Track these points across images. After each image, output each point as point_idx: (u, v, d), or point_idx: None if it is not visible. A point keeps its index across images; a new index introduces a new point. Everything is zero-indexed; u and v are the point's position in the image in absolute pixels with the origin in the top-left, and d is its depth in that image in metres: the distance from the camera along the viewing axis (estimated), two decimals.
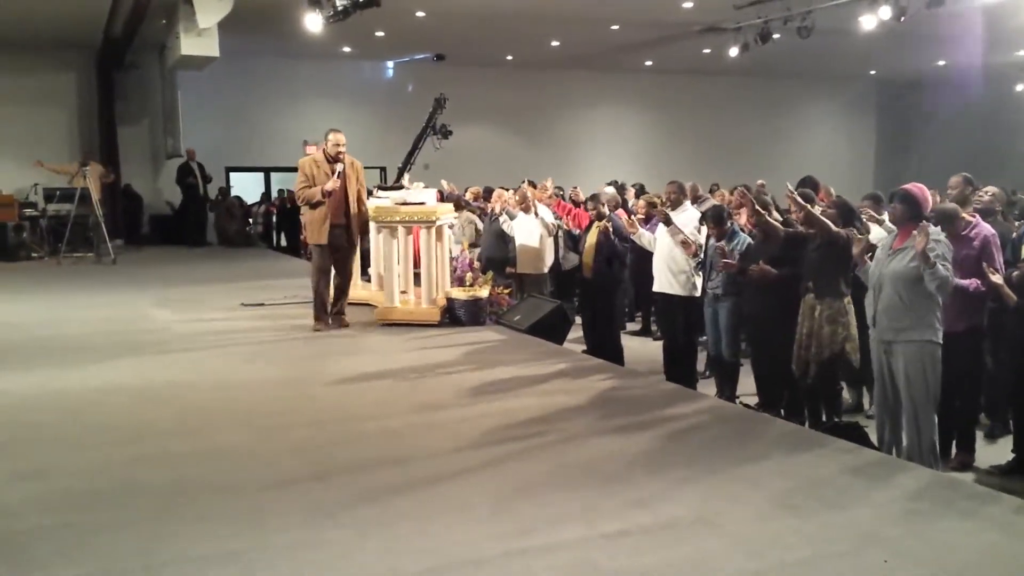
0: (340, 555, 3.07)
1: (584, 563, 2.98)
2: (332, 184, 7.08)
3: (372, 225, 8.22)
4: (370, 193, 9.46)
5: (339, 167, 7.17)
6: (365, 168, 7.69)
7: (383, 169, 17.98)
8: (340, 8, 10.82)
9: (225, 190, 17.72)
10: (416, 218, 7.53)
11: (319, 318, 7.40)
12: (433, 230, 7.55)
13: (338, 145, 7.22)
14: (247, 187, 18.83)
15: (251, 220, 17.78)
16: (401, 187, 8.46)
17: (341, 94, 18.88)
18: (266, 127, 18.28)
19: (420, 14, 14.26)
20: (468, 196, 10.80)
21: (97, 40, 15.40)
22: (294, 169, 7.50)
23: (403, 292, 7.84)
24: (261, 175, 19.43)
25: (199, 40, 12.62)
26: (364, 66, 19.30)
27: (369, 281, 8.92)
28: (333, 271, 7.48)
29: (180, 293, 9.77)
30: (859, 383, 6.58)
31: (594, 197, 8.16)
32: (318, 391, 5.45)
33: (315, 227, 7.23)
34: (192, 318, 8.08)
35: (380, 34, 15.81)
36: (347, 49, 17.49)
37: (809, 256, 5.69)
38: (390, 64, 19.47)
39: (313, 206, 7.18)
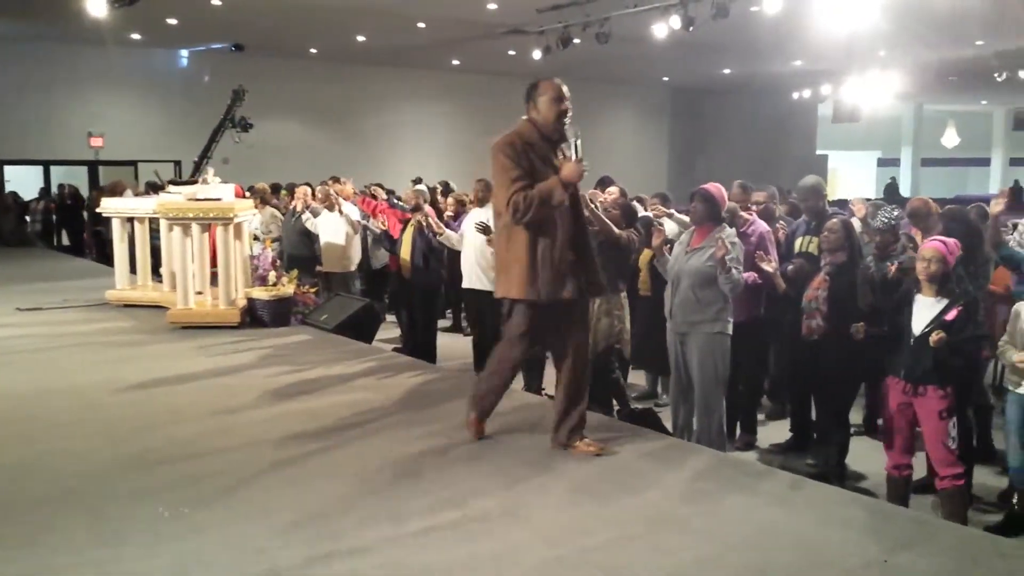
0: (130, 574, 2.88)
1: (390, 563, 2.95)
2: (577, 170, 3.91)
3: (163, 223, 7.76)
4: (162, 188, 8.92)
5: (574, 143, 3.97)
6: (158, 162, 6.96)
7: (178, 163, 17.04)
8: None
9: None
10: (212, 215, 7.20)
11: (479, 417, 4.28)
12: (231, 227, 7.24)
13: (563, 101, 3.98)
14: (24, 182, 17.33)
15: (28, 217, 16.40)
16: (197, 182, 8.04)
17: (130, 83, 17.84)
18: (46, 117, 16.97)
19: (216, 2, 13.65)
20: None
21: None
22: (78, 163, 6.66)
23: (199, 293, 7.47)
24: (40, 169, 17.92)
25: None
26: (155, 54, 18.26)
27: (161, 281, 8.44)
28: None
29: None
30: (656, 371, 6.94)
31: (418, 192, 8.08)
32: (104, 399, 5.08)
33: (546, 266, 3.89)
34: None
35: (172, 21, 15.01)
36: (136, 36, 16.46)
37: None
38: (184, 53, 18.53)
39: (539, 228, 3.90)
